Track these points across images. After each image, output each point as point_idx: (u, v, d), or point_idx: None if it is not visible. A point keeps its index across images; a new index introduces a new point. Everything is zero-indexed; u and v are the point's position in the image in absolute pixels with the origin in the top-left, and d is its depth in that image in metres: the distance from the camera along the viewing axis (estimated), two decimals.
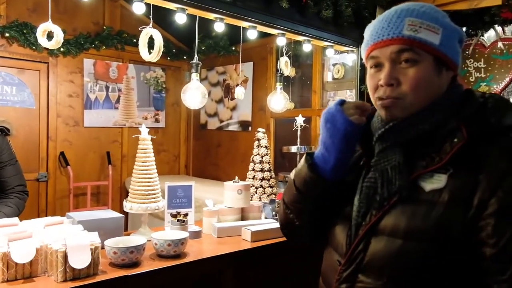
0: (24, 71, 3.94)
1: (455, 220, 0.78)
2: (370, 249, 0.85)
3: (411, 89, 0.85)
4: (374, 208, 0.86)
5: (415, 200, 0.82)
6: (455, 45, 0.88)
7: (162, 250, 1.62)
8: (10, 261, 1.31)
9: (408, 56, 0.85)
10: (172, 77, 4.98)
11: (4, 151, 2.11)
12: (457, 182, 0.79)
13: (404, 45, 0.85)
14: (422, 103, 0.87)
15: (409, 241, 0.81)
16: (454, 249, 0.78)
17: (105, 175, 4.43)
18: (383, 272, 0.83)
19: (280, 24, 2.00)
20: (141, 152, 1.91)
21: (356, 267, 0.87)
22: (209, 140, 4.87)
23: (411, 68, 0.86)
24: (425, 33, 0.84)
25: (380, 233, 0.84)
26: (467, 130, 0.81)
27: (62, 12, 4.02)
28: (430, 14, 0.86)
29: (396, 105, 0.87)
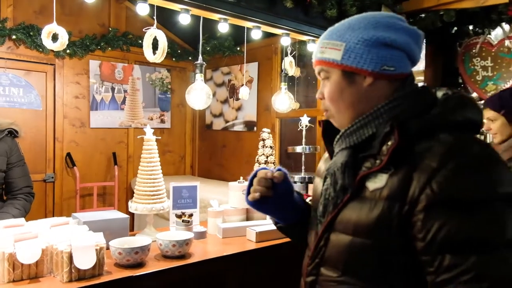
0: (31, 73, 3.97)
1: (392, 216, 0.83)
2: (329, 245, 0.94)
3: (328, 100, 0.99)
4: (330, 207, 0.95)
5: (361, 199, 0.89)
6: (366, 53, 0.92)
7: (167, 251, 1.62)
8: (16, 262, 1.32)
9: (323, 74, 0.99)
10: (177, 78, 5.00)
11: (13, 153, 2.13)
12: (395, 180, 0.84)
13: (318, 66, 1.00)
14: (345, 112, 0.97)
15: (356, 237, 0.88)
16: (395, 244, 0.84)
17: (111, 175, 4.45)
18: (338, 266, 0.92)
19: (284, 24, 1.99)
20: (146, 152, 1.92)
21: (319, 261, 0.97)
22: (215, 140, 4.88)
23: (327, 84, 0.99)
24: (329, 52, 0.96)
25: (336, 230, 0.93)
26: (399, 132, 0.85)
27: (68, 14, 4.05)
28: (338, 33, 0.96)
29: (328, 116, 1.03)
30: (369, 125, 0.94)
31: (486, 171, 0.80)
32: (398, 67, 0.93)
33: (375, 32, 0.93)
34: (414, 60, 0.97)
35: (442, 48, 2.99)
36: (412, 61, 0.96)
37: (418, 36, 0.96)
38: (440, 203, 0.78)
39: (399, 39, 0.93)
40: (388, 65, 0.92)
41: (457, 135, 0.85)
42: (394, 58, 0.93)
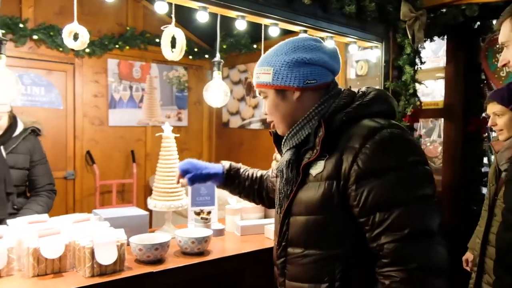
0: (51, 72, 4.05)
1: (333, 192, 1.05)
2: (290, 228, 1.14)
3: (269, 114, 1.22)
4: (284, 197, 1.16)
5: (308, 184, 1.10)
6: (290, 73, 1.13)
7: (186, 248, 1.63)
8: (40, 257, 1.35)
9: (262, 94, 1.22)
10: (194, 76, 5.02)
11: (35, 151, 2.18)
12: (330, 163, 1.06)
13: (256, 88, 1.23)
14: (284, 121, 1.19)
15: (309, 215, 1.09)
16: (340, 214, 1.05)
17: (129, 173, 4.51)
18: (300, 242, 1.12)
19: (302, 21, 1.98)
20: (165, 150, 1.93)
21: (285, 243, 1.16)
22: (231, 138, 4.89)
23: (266, 101, 1.21)
24: (262, 76, 1.18)
25: (293, 214, 1.14)
26: (325, 125, 1.08)
27: (87, 14, 4.11)
28: (266, 60, 1.18)
29: (274, 126, 1.25)
30: (304, 128, 1.15)
31: (396, 146, 1.04)
32: (319, 79, 1.14)
33: (294, 54, 1.14)
34: (333, 70, 1.18)
35: (464, 44, 2.92)
36: (331, 71, 1.18)
37: (332, 52, 1.18)
38: (364, 175, 1.01)
39: (315, 57, 1.14)
40: (309, 79, 1.13)
41: (374, 121, 1.07)
42: (313, 73, 1.14)
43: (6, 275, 1.36)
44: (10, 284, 1.31)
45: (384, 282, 1.00)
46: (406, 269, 0.97)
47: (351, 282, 1.07)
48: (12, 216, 1.96)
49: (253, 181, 1.55)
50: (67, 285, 1.30)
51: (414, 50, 2.45)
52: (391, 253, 0.98)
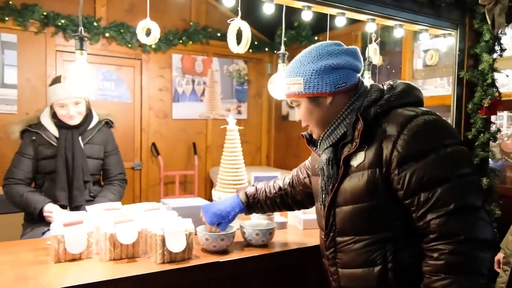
0: (121, 68, 4.28)
1: (377, 179, 1.12)
2: (337, 219, 1.22)
3: (304, 121, 1.29)
4: (328, 191, 1.24)
5: (351, 175, 1.18)
6: (321, 80, 1.20)
7: (250, 239, 1.65)
8: (116, 242, 1.43)
9: (294, 103, 1.29)
10: (253, 69, 5.05)
11: (109, 142, 2.32)
12: (370, 152, 1.14)
13: (288, 98, 1.30)
14: (320, 125, 1.26)
15: (356, 204, 1.17)
16: (384, 199, 1.13)
17: (191, 165, 4.66)
18: (350, 231, 1.20)
19: (371, 9, 1.89)
20: (229, 142, 1.96)
21: (334, 234, 1.24)
22: (291, 131, 4.86)
23: (299, 109, 1.29)
24: (292, 87, 1.24)
25: (338, 205, 1.21)
26: (364, 118, 1.15)
27: (153, 10, 4.21)
28: (294, 71, 1.24)
29: (309, 130, 1.32)
30: (339, 127, 1.23)
31: (432, 131, 1.11)
32: (348, 81, 1.21)
33: (321, 62, 1.19)
34: (358, 70, 1.25)
35: None
36: (357, 71, 1.24)
37: (354, 52, 1.24)
38: (405, 159, 1.08)
39: (341, 61, 1.20)
40: (339, 83, 1.20)
41: (407, 109, 1.15)
42: (342, 76, 1.20)
43: (86, 257, 1.45)
44: (91, 265, 1.40)
45: (432, 255, 1.05)
46: (454, 241, 1.02)
47: (402, 262, 1.13)
48: (89, 203, 2.11)
49: (274, 197, 1.63)
50: (141, 269, 1.37)
51: (493, 37, 2.25)
52: (438, 227, 1.04)
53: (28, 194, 2.07)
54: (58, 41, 3.89)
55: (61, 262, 1.41)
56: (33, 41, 3.79)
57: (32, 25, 3.72)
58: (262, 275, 1.62)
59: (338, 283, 1.26)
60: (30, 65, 3.81)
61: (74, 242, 1.41)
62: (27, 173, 2.13)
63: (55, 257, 1.40)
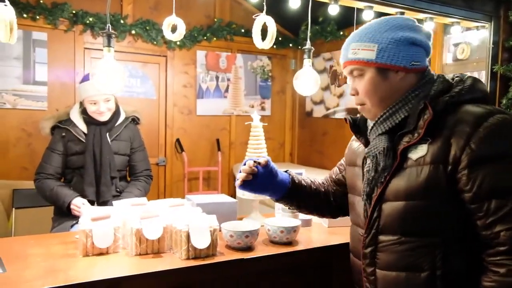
0: (146, 64, 4.33)
1: (439, 177, 1.01)
2: (382, 215, 1.11)
3: (364, 95, 1.14)
4: (376, 184, 1.12)
5: (407, 169, 1.07)
6: (398, 51, 1.09)
7: (275, 237, 1.64)
8: (142, 237, 1.44)
9: (356, 73, 1.14)
10: (277, 66, 5.02)
11: (135, 138, 2.35)
12: (435, 147, 1.03)
13: (351, 65, 1.14)
14: (381, 103, 1.13)
15: (409, 201, 1.05)
16: (444, 199, 1.02)
17: (215, 161, 4.68)
18: (396, 229, 1.08)
19: (400, 2, 1.84)
20: (253, 139, 1.95)
21: (375, 231, 1.12)
22: (315, 128, 4.81)
23: (360, 81, 1.14)
24: (362, 53, 1.10)
25: (386, 200, 1.10)
26: (432, 107, 1.04)
27: (178, 7, 4.21)
28: (368, 34, 1.11)
29: (363, 109, 1.18)
30: (400, 111, 1.11)
31: (510, 132, 1.00)
32: (421, 61, 1.12)
33: (401, 33, 1.09)
34: (428, 54, 1.16)
35: None
36: (428, 55, 1.15)
37: (430, 35, 1.16)
38: (479, 160, 0.97)
39: (420, 37, 1.11)
40: (415, 60, 1.10)
41: (480, 106, 1.04)
42: (418, 54, 1.11)
43: (113, 252, 1.48)
44: (117, 260, 1.43)
45: (497, 270, 0.96)
46: None
47: (453, 270, 1.03)
48: (115, 198, 2.15)
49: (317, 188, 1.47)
50: (166, 265, 1.38)
51: None
52: (508, 240, 0.95)
53: (58, 188, 2.13)
54: (86, 39, 3.98)
55: (89, 256, 1.43)
56: (62, 39, 3.88)
57: (62, 23, 3.82)
58: (286, 272, 1.60)
59: (374, 285, 1.15)
60: (60, 62, 3.91)
61: (101, 236, 1.43)
62: (57, 168, 2.19)
63: (83, 251, 1.43)
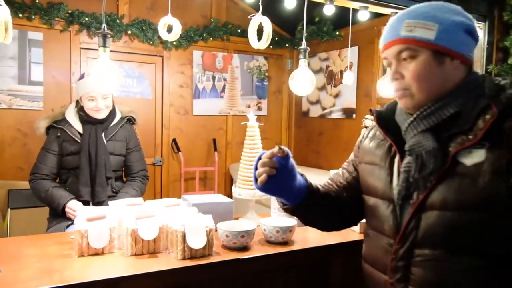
0: (142, 64, 4.32)
1: (500, 188, 0.88)
2: (422, 225, 0.96)
3: (413, 80, 0.99)
4: (418, 188, 0.97)
5: (459, 175, 0.92)
6: (458, 36, 0.97)
7: (271, 236, 1.64)
8: (137, 237, 1.44)
9: (407, 54, 0.99)
10: (274, 66, 5.03)
11: (131, 139, 2.35)
12: (495, 154, 0.90)
13: (403, 45, 0.99)
14: (429, 92, 0.99)
15: (459, 212, 0.91)
16: (502, 213, 0.89)
17: (211, 161, 4.68)
18: (439, 243, 0.94)
19: (395, 2, 1.85)
20: (249, 139, 1.95)
21: (411, 244, 0.98)
22: (311, 127, 4.82)
23: (411, 63, 0.99)
24: (419, 31, 0.96)
25: (429, 209, 0.95)
26: (497, 108, 0.91)
27: (174, 7, 4.22)
28: (426, 13, 0.98)
29: (405, 96, 1.01)
30: (449, 106, 0.97)
31: None
32: (472, 54, 1.02)
33: (463, 18, 0.99)
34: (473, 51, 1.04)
35: None
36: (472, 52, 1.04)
37: None
38: None
39: (475, 29, 1.01)
40: (471, 51, 1.01)
41: None
42: (472, 46, 1.01)
43: (108, 252, 1.47)
44: (113, 260, 1.42)
45: None
46: None
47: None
48: (111, 198, 2.14)
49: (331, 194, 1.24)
50: (162, 265, 1.38)
51: None
52: None
53: (53, 189, 2.12)
54: (82, 39, 3.97)
55: (84, 256, 1.43)
56: (58, 39, 3.87)
57: (58, 23, 3.80)
58: (282, 272, 1.61)
59: None
60: (56, 62, 3.90)
61: (97, 237, 1.43)
62: (52, 169, 2.18)
63: (78, 251, 1.43)
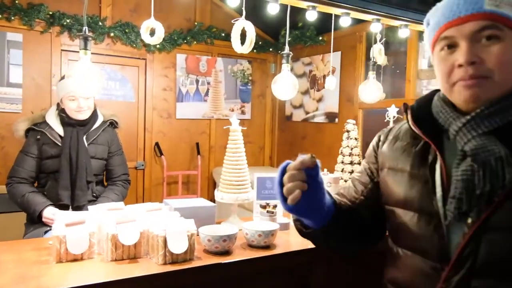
0: (125, 67, 4.28)
1: None
2: (482, 249, 0.77)
3: (498, 66, 0.78)
4: (480, 203, 0.77)
5: None
6: None
7: (252, 240, 1.64)
8: (118, 242, 1.42)
9: (491, 33, 0.78)
10: (258, 70, 5.04)
11: (113, 142, 2.32)
12: None
13: (486, 21, 0.78)
14: (509, 84, 0.80)
15: None
16: None
17: (194, 165, 4.66)
18: (506, 273, 0.76)
19: (376, 9, 1.89)
20: (232, 143, 1.95)
21: (468, 272, 0.78)
22: (294, 131, 4.85)
23: (494, 46, 0.78)
24: (508, 8, 0.78)
25: (493, 230, 0.76)
26: None
27: (158, 10, 4.20)
28: None
29: (482, 85, 0.79)
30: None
31: None
32: None
33: None
34: None
35: None
36: None
37: None
38: None
39: None
40: None
41: None
42: None
43: (87, 258, 1.45)
44: (92, 266, 1.40)
45: None
46: None
47: None
48: (91, 203, 2.11)
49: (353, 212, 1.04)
50: (142, 270, 1.36)
51: None
52: None
53: (29, 195, 2.07)
54: (63, 41, 3.91)
55: (62, 262, 1.40)
56: (38, 41, 3.80)
57: (38, 24, 3.74)
58: (264, 276, 1.61)
59: None
60: (36, 64, 3.82)
61: (75, 242, 1.40)
62: (31, 172, 2.14)
63: (56, 257, 1.40)
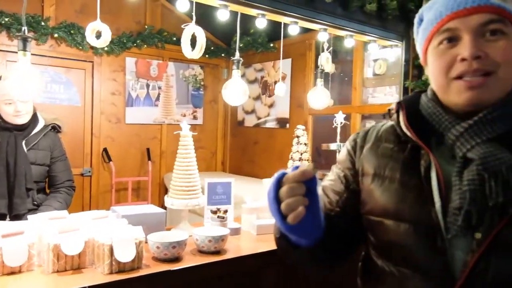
0: (70, 70, 4.10)
1: None
2: (492, 269, 0.68)
3: (504, 61, 0.72)
4: (492, 217, 0.68)
5: None
6: None
7: (203, 246, 1.63)
8: (60, 253, 1.36)
9: (497, 27, 0.73)
10: (210, 75, 5.03)
11: (56, 148, 2.22)
12: None
13: (494, 15, 0.73)
14: (510, 85, 0.75)
15: None
16: None
17: (144, 170, 4.55)
18: None
19: (322, 19, 1.96)
20: (182, 148, 1.93)
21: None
22: (246, 137, 4.88)
23: (500, 41, 0.73)
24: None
25: (504, 248, 0.68)
26: None
27: (106, 12, 4.09)
28: None
29: (485, 85, 0.73)
30: None
31: None
32: None
33: None
34: None
35: None
36: None
37: None
38: None
39: None
40: None
41: None
42: None
43: (26, 270, 1.37)
44: (30, 279, 1.33)
45: None
46: None
47: None
48: (32, 212, 2.00)
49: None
50: (87, 281, 1.31)
51: None
52: None
53: None
54: (1, 40, 3.67)
55: None
56: None
57: None
58: (215, 282, 1.60)
59: None
60: None
61: (13, 254, 1.32)
62: None
63: None
